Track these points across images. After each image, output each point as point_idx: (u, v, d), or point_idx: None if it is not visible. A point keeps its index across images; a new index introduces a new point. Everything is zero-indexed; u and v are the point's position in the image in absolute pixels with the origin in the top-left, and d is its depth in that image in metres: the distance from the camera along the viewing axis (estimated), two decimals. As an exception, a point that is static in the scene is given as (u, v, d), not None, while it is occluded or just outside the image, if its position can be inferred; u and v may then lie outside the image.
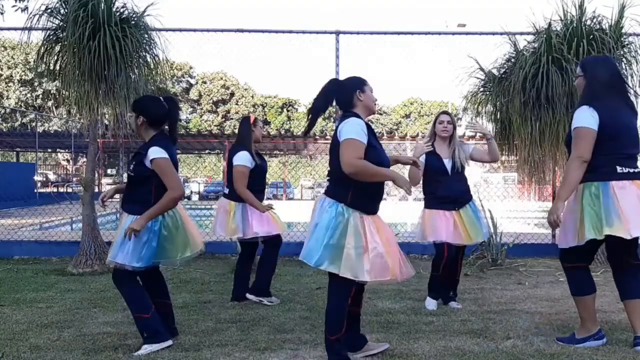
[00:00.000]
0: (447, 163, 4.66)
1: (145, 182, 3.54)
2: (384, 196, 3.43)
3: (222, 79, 41.88)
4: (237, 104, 41.50)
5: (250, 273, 5.02)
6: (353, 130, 3.09)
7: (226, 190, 4.96)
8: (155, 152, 3.49)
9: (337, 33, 7.62)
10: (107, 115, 6.57)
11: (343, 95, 3.30)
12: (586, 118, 3.41)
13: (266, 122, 41.30)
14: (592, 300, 3.60)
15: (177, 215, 3.67)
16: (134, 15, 6.40)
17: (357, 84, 3.30)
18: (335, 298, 3.16)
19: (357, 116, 3.21)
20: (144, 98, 4.01)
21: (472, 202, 4.75)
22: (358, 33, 7.71)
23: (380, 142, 3.57)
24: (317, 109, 3.27)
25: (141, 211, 3.49)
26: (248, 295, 4.84)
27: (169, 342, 3.54)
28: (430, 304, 4.68)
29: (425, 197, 4.82)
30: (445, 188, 4.61)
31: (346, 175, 3.06)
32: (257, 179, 4.79)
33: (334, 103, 3.35)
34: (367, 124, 3.21)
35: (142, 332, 3.53)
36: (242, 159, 4.68)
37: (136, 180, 3.59)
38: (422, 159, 4.62)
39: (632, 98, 4.00)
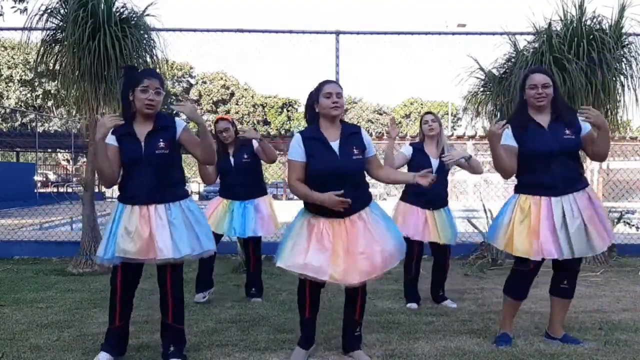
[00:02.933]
0: (434, 163, 4.67)
1: None
2: (384, 196, 3.46)
3: (222, 79, 41.91)
4: (237, 104, 41.52)
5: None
6: (290, 149, 3.27)
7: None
8: None
9: (337, 33, 7.62)
10: (106, 113, 6.56)
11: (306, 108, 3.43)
12: None
13: (266, 122, 41.32)
14: None
15: None
16: (133, 15, 6.40)
17: (313, 95, 3.35)
18: (298, 285, 3.40)
19: (307, 128, 3.35)
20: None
21: (447, 208, 4.78)
22: (358, 33, 7.71)
23: (381, 142, 3.57)
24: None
25: None
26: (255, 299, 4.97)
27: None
28: (411, 305, 4.76)
29: (403, 190, 4.87)
30: (425, 188, 4.57)
31: None
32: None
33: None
34: (311, 132, 3.28)
35: None
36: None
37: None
38: (409, 153, 4.70)
39: None
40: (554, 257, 3.42)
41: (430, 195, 4.60)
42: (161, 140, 3.19)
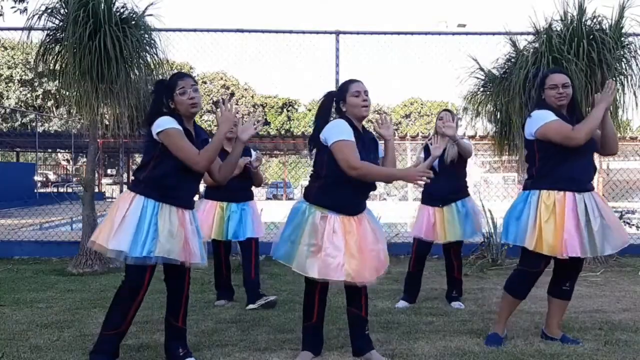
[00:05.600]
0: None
1: None
2: (384, 196, 3.46)
3: (222, 79, 41.90)
4: (237, 104, 41.52)
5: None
6: (340, 129, 3.13)
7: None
8: None
9: (337, 33, 7.63)
10: (107, 115, 6.57)
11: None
12: None
13: (266, 122, 41.32)
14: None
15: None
16: (134, 16, 6.40)
17: (336, 95, 3.31)
18: (305, 289, 3.37)
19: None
20: None
21: (462, 201, 4.74)
22: (358, 33, 7.72)
23: (380, 142, 3.55)
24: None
25: None
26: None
27: None
28: (400, 303, 4.78)
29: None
30: (435, 185, 4.60)
31: (318, 174, 3.23)
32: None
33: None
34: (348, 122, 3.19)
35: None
36: None
37: None
38: (422, 155, 4.76)
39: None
40: (577, 255, 3.39)
41: (437, 192, 4.65)
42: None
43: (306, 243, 3.15)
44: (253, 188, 4.94)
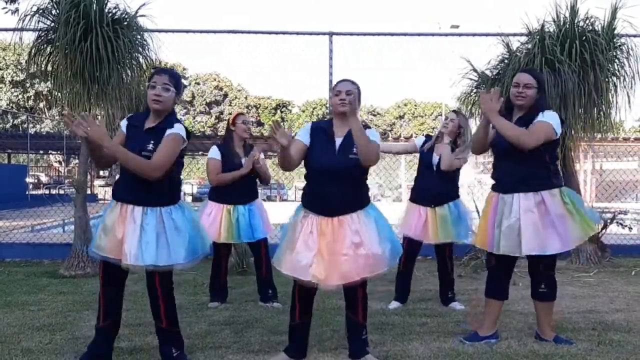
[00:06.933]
0: (434, 158, 4.67)
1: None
2: (378, 197, 3.47)
3: (215, 80, 41.86)
4: (230, 105, 41.48)
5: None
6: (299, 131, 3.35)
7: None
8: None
9: (331, 34, 7.62)
10: (99, 117, 6.53)
11: None
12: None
13: (260, 124, 41.29)
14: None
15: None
16: (126, 16, 6.37)
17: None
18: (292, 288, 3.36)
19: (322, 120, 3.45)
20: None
21: (454, 203, 4.72)
22: (351, 34, 7.72)
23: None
24: None
25: None
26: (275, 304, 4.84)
27: None
28: (392, 304, 4.78)
29: (412, 188, 4.95)
30: (426, 183, 4.70)
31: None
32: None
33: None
34: (323, 124, 3.35)
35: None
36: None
37: None
38: (419, 143, 4.85)
39: None
40: (488, 250, 3.64)
41: (431, 191, 4.64)
42: (152, 142, 3.05)
43: (286, 241, 3.26)
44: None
